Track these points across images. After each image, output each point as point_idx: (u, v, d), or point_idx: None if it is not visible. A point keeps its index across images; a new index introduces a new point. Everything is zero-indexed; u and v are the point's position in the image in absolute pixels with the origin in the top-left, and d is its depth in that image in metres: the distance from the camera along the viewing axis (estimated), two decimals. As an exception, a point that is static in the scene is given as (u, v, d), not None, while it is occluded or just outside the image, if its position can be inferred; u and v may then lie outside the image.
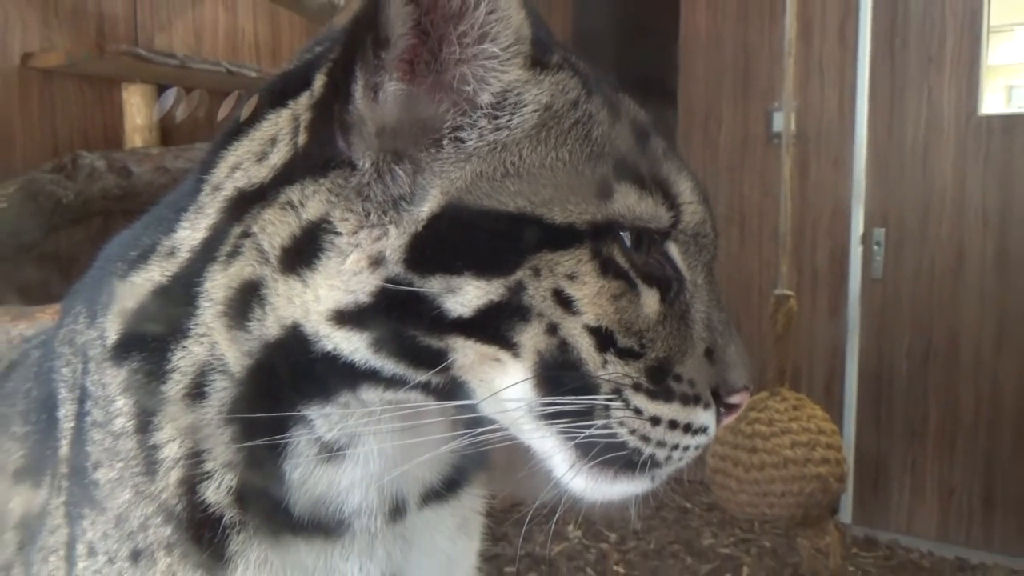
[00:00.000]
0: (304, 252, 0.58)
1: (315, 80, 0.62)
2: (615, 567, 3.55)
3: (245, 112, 0.66)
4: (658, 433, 0.61)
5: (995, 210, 3.62)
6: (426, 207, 0.57)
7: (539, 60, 0.58)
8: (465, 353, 0.58)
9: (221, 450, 0.59)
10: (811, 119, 3.93)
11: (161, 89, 2.51)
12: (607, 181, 0.60)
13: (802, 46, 3.69)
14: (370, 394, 0.62)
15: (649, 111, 0.68)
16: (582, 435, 0.60)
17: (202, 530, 0.59)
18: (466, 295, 0.56)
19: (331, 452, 0.62)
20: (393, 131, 0.58)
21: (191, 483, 0.59)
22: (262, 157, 0.61)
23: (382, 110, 0.58)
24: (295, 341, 0.59)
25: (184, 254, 0.61)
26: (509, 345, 0.58)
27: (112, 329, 0.61)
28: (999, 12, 3.58)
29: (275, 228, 0.59)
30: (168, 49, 2.56)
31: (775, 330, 2.67)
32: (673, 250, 0.63)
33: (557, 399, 0.58)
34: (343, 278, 0.58)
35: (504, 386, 0.58)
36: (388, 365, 0.59)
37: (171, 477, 0.58)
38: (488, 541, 0.81)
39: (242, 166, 0.62)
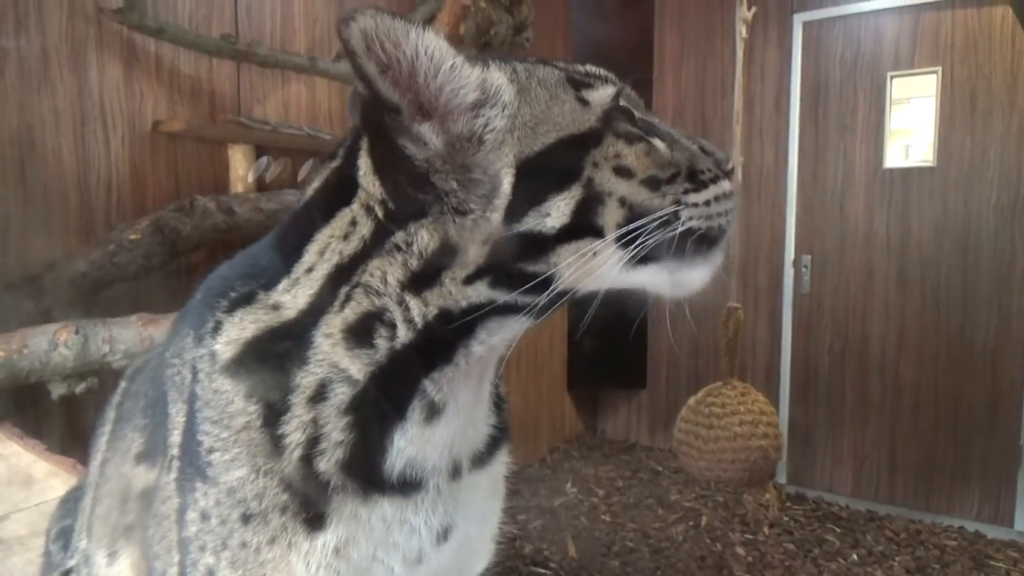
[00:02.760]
0: (429, 270, 0.60)
1: (361, 172, 0.63)
2: (602, 516, 3.54)
3: (313, 174, 0.67)
4: (713, 209, 0.65)
5: (896, 241, 3.61)
6: (506, 183, 0.59)
7: (479, 61, 0.60)
8: (565, 257, 0.60)
9: (336, 433, 0.60)
10: (753, 171, 3.93)
11: (258, 149, 2.53)
12: (577, 95, 0.63)
13: (746, 115, 3.69)
14: (483, 334, 0.63)
15: (544, 64, 0.69)
16: (671, 247, 0.62)
17: (311, 493, 0.60)
18: (558, 209, 0.59)
19: (433, 412, 0.63)
20: (450, 155, 0.59)
21: (309, 458, 0.60)
22: (347, 236, 0.62)
23: (433, 148, 0.59)
24: (440, 322, 0.60)
25: (290, 312, 0.62)
26: (595, 230, 0.60)
27: (224, 352, 0.62)
28: (898, 88, 3.58)
29: (389, 269, 0.60)
30: (263, 117, 2.58)
31: (726, 334, 2.67)
32: (634, 110, 0.67)
33: (639, 243, 0.61)
34: (468, 260, 0.59)
35: (602, 263, 0.61)
36: (501, 295, 0.61)
37: (294, 456, 0.60)
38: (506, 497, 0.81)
39: (330, 248, 0.62)
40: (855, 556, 3.18)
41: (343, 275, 0.62)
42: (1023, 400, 3.33)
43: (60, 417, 1.95)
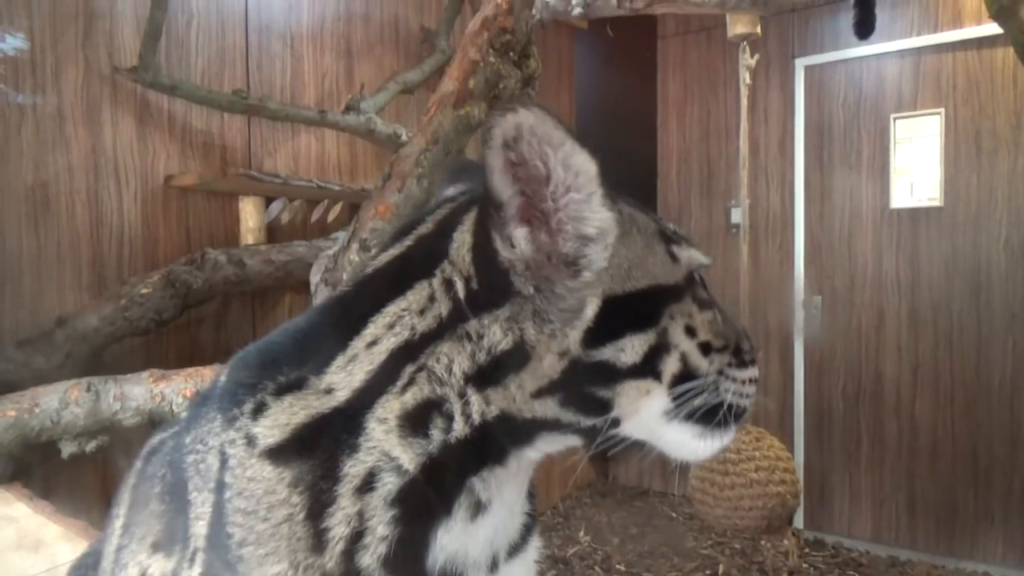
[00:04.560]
0: (496, 369, 0.58)
1: (454, 246, 0.62)
2: (617, 566, 3.46)
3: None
4: (746, 388, 0.67)
5: (906, 280, 3.59)
6: (589, 310, 0.59)
7: (609, 195, 0.60)
8: (627, 392, 0.60)
9: (381, 527, 0.57)
10: (760, 213, 3.94)
11: (269, 200, 2.55)
12: (669, 251, 0.65)
13: (752, 159, 3.71)
14: (541, 444, 0.63)
15: (639, 209, 0.71)
16: (702, 412, 0.64)
17: None
18: (633, 349, 0.60)
19: (478, 510, 0.61)
20: (537, 266, 0.58)
21: (351, 553, 0.57)
22: (423, 312, 0.60)
23: (519, 253, 0.58)
24: (499, 424, 0.59)
25: (343, 394, 0.59)
26: (656, 374, 0.61)
27: (267, 436, 0.59)
28: (902, 129, 3.60)
29: (457, 358, 0.59)
30: (274, 170, 2.60)
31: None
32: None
33: (687, 398, 0.63)
34: (540, 372, 0.58)
35: (651, 406, 0.62)
36: (568, 415, 0.60)
37: (336, 550, 0.57)
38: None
39: (401, 322, 0.60)
40: (878, 604, 3.10)
41: (411, 353, 0.59)
42: (1043, 441, 3.27)
43: (69, 476, 1.93)
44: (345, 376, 0.60)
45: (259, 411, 0.60)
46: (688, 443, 0.65)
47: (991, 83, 3.36)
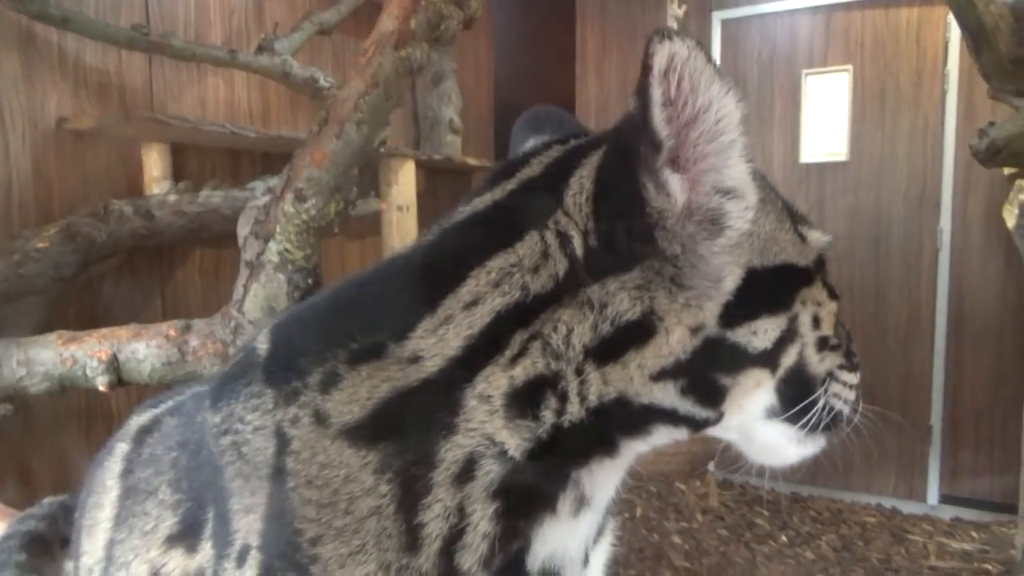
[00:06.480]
0: (619, 344, 0.51)
1: (570, 193, 0.53)
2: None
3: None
4: (851, 395, 0.62)
5: (813, 233, 3.74)
6: (730, 281, 0.52)
7: (748, 148, 0.54)
8: (744, 382, 0.55)
9: (484, 523, 0.50)
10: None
11: (175, 149, 2.36)
12: (796, 228, 0.59)
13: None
14: (655, 437, 0.56)
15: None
16: (805, 415, 0.58)
17: None
18: (766, 332, 0.54)
19: (581, 505, 0.55)
20: (686, 220, 0.51)
21: (450, 553, 0.49)
22: (536, 269, 0.51)
23: (672, 203, 0.51)
24: (613, 408, 0.51)
25: (435, 363, 0.50)
26: (774, 365, 0.56)
27: (345, 413, 0.50)
28: (812, 85, 3.70)
29: (578, 328, 0.51)
30: (179, 114, 2.41)
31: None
32: None
33: (794, 397, 0.57)
34: (668, 348, 0.51)
35: (757, 401, 0.57)
36: (686, 404, 0.53)
37: (432, 549, 0.49)
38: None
39: (511, 280, 0.51)
40: (784, 538, 3.29)
41: (523, 318, 0.51)
42: (932, 382, 3.52)
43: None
44: (435, 342, 0.51)
45: (330, 383, 0.51)
46: (782, 447, 0.61)
47: (896, 42, 3.49)
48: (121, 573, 0.58)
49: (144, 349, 1.49)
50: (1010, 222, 2.74)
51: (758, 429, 0.59)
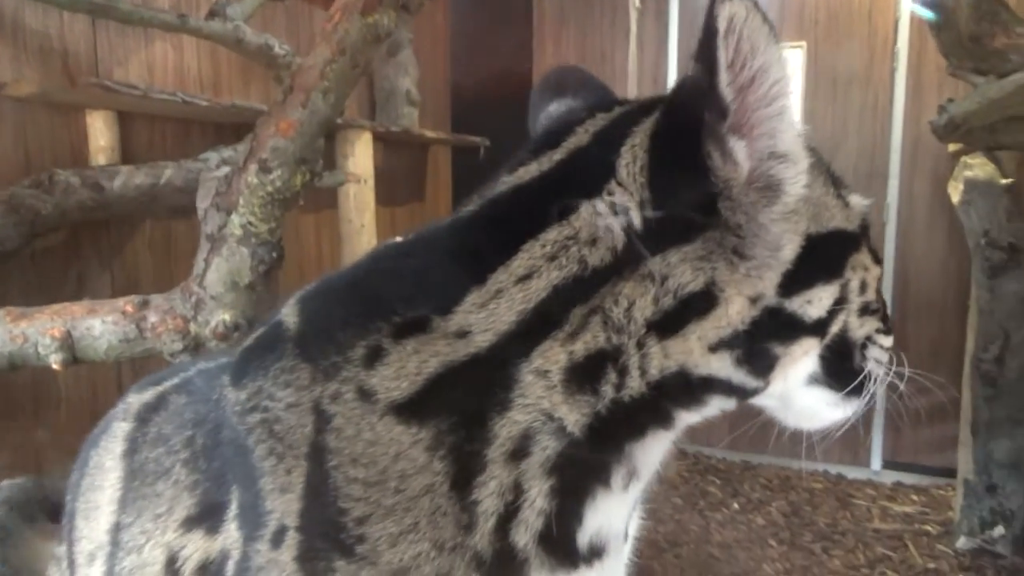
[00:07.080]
0: (684, 312, 0.50)
1: (623, 163, 0.51)
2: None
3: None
4: (886, 356, 0.63)
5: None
6: (789, 250, 0.52)
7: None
8: (794, 351, 0.54)
9: (540, 500, 0.49)
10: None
11: (122, 117, 2.26)
12: (838, 193, 0.58)
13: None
14: (709, 408, 0.56)
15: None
16: (844, 378, 0.59)
17: (505, 570, 0.48)
18: (821, 301, 0.53)
19: (631, 479, 0.54)
20: (749, 188, 0.50)
21: (505, 531, 0.48)
22: (595, 242, 0.50)
23: (737, 171, 0.49)
24: (673, 381, 0.51)
25: (486, 337, 0.49)
26: (824, 333, 0.55)
27: (394, 389, 0.48)
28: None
29: (639, 301, 0.49)
30: (125, 80, 2.31)
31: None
32: None
33: (836, 362, 0.57)
34: (727, 319, 0.50)
35: (802, 368, 0.56)
36: (739, 374, 0.53)
37: (487, 527, 0.48)
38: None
39: (567, 253, 0.50)
40: (736, 504, 3.39)
41: (582, 292, 0.49)
42: (877, 352, 3.64)
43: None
44: (485, 316, 0.50)
45: (375, 358, 0.50)
46: (820, 411, 0.61)
47: (849, 19, 3.54)
48: (132, 558, 0.55)
49: (100, 326, 1.43)
50: (955, 197, 2.83)
51: (798, 395, 0.59)
